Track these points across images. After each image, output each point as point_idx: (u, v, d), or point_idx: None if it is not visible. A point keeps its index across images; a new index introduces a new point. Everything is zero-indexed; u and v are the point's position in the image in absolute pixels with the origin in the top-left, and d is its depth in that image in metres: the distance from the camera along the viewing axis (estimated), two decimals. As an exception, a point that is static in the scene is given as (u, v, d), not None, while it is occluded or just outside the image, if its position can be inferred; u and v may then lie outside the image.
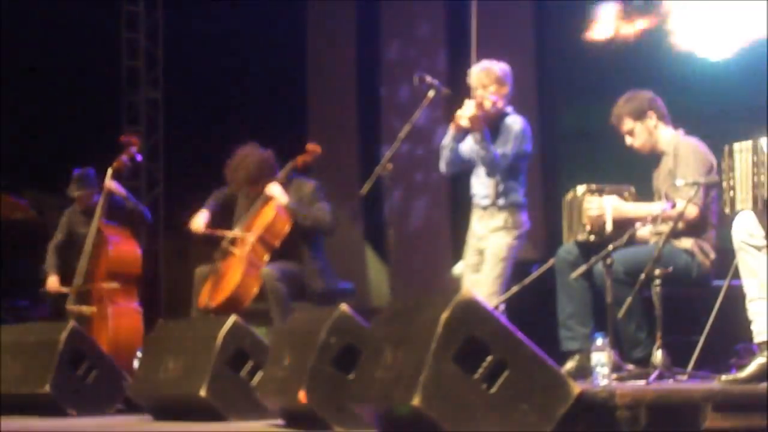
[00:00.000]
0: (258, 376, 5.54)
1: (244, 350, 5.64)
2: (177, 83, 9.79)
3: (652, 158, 6.05)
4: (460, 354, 4.04)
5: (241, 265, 6.78)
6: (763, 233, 4.63)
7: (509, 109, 6.42)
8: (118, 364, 6.57)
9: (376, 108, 9.51)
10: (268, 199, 6.89)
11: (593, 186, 5.92)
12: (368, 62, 9.53)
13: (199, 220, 7.04)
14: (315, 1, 9.71)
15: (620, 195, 5.89)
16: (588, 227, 5.81)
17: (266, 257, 6.81)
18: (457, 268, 6.60)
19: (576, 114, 8.38)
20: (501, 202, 6.32)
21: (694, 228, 5.71)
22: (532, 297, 6.07)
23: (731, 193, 4.77)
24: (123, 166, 7.85)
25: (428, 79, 6.25)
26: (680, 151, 5.84)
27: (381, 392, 4.28)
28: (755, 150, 4.57)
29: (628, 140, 6.03)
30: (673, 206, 5.55)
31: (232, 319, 5.66)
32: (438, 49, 9.24)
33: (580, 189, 5.92)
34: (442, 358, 4.01)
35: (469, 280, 6.39)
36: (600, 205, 5.81)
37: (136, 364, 6.73)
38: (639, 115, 5.97)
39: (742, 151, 4.71)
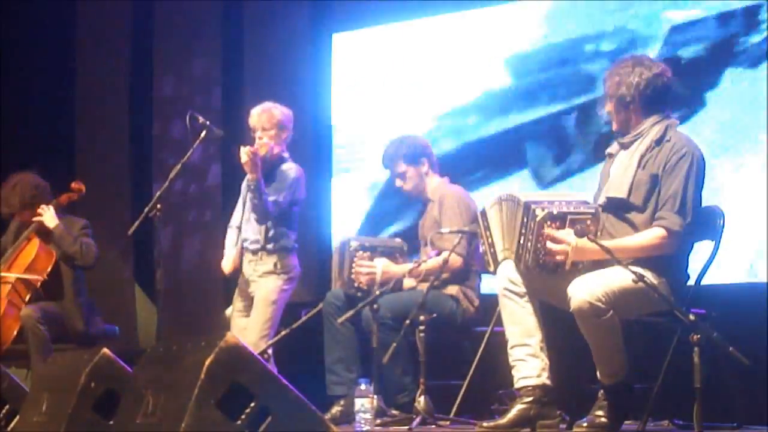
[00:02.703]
0: (15, 420, 5.35)
1: (1, 394, 5.44)
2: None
3: (420, 204, 6.15)
4: (223, 400, 3.98)
5: (0, 306, 6.57)
6: (523, 280, 4.74)
7: (286, 154, 6.41)
8: None
9: (148, 144, 9.36)
10: (33, 233, 6.72)
11: (366, 243, 5.97)
12: (140, 98, 9.38)
13: None
14: (86, 35, 9.50)
15: (392, 257, 5.95)
16: (357, 284, 5.86)
17: (27, 297, 6.62)
18: (230, 310, 6.55)
19: (350, 158, 8.45)
20: (271, 246, 6.29)
21: (459, 275, 5.83)
22: (301, 341, 6.05)
23: (492, 250, 4.86)
24: None
25: (200, 119, 6.18)
26: (445, 200, 5.96)
27: (141, 439, 4.17)
28: (526, 213, 4.62)
29: (398, 182, 6.12)
30: (438, 254, 5.64)
31: (-12, 361, 5.47)
32: (212, 86, 9.18)
33: (354, 243, 5.95)
34: (204, 404, 3.94)
35: (237, 324, 6.35)
36: (371, 268, 5.86)
37: None
38: (413, 160, 6.07)
39: (500, 202, 4.80)
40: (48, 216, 6.77)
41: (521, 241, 4.63)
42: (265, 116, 6.30)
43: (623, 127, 4.85)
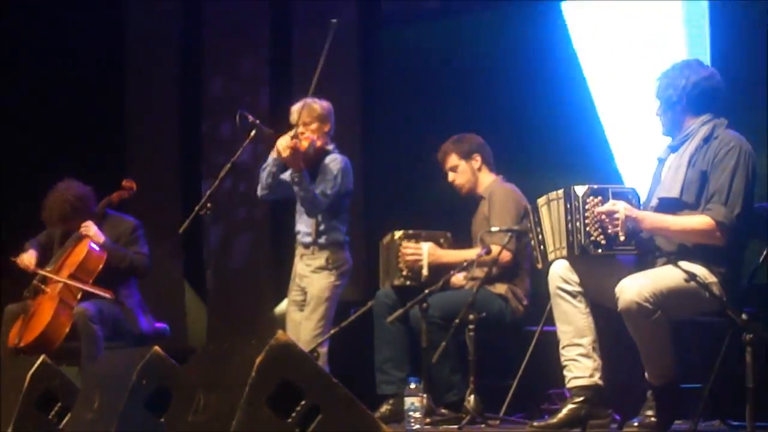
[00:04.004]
0: (67, 418, 5.39)
1: (53, 391, 5.48)
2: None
3: (470, 203, 6.15)
4: (274, 398, 3.99)
5: (52, 304, 6.59)
6: (577, 279, 4.72)
7: (331, 147, 6.40)
8: None
9: (197, 143, 9.41)
10: (83, 236, 6.75)
11: (410, 231, 5.99)
12: (190, 97, 9.43)
13: (31, 257, 6.85)
14: (136, 36, 9.56)
15: (437, 241, 5.97)
16: (404, 272, 5.88)
17: (79, 295, 6.65)
18: (281, 307, 6.57)
19: (399, 154, 8.45)
20: (323, 240, 6.30)
21: (508, 274, 5.82)
22: (351, 339, 6.07)
23: (541, 247, 4.86)
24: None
25: (250, 118, 6.19)
26: (495, 197, 5.97)
27: (192, 436, 4.20)
28: (568, 197, 4.65)
29: (451, 176, 6.16)
30: (488, 252, 5.63)
31: (41, 359, 5.50)
32: (261, 86, 9.21)
33: (398, 234, 5.98)
34: (255, 402, 3.96)
35: (293, 318, 6.34)
36: (416, 251, 5.87)
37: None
38: (466, 155, 6.12)
39: (549, 201, 4.80)
40: (93, 233, 6.76)
41: (569, 228, 4.62)
42: (305, 111, 6.29)
43: (670, 128, 4.82)
